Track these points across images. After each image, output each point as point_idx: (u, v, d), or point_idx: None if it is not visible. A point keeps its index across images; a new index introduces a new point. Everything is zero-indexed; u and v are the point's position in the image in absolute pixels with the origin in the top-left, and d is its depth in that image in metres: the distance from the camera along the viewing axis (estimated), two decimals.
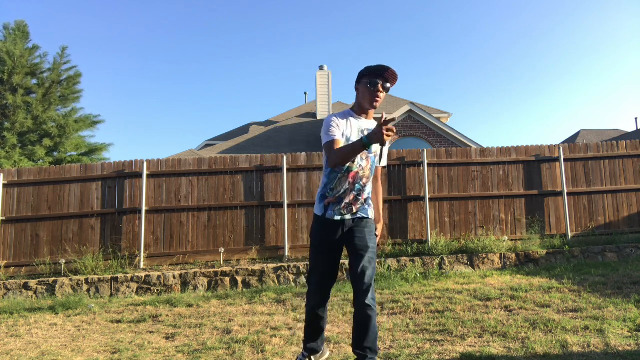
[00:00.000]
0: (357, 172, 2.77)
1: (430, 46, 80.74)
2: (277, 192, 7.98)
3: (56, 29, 56.81)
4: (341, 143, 2.69)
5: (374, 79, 2.71)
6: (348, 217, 2.80)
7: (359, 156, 2.75)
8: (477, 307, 4.80)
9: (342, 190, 2.77)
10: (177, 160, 8.11)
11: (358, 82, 2.81)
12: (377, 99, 2.72)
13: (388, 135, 2.36)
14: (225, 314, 5.18)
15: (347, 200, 2.78)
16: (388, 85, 2.74)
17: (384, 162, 3.00)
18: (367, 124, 2.83)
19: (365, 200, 2.84)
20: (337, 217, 2.79)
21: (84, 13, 65.48)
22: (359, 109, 2.84)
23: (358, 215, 2.80)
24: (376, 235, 2.88)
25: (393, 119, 2.42)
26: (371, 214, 2.87)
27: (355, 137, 2.75)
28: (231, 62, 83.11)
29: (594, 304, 4.61)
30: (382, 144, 2.43)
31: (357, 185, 2.79)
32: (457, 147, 11.77)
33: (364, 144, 2.48)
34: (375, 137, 2.39)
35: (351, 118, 2.80)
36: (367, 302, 2.62)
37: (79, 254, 7.53)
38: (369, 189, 2.87)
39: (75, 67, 16.77)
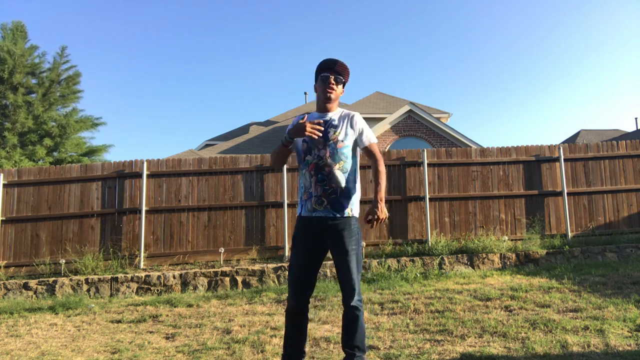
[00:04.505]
0: (317, 163, 2.77)
1: (430, 46, 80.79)
2: (277, 192, 7.98)
3: (56, 29, 56.82)
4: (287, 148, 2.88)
5: (325, 74, 2.83)
6: (322, 213, 2.74)
7: (315, 147, 2.78)
8: (477, 307, 4.80)
9: (309, 184, 2.79)
10: (177, 160, 8.11)
11: (315, 80, 2.90)
12: (328, 90, 2.82)
13: (312, 131, 2.65)
14: (225, 314, 5.18)
15: (315, 194, 2.75)
16: (340, 77, 2.84)
17: (372, 139, 2.89)
18: (329, 117, 2.86)
19: (342, 192, 2.75)
20: (309, 214, 2.78)
21: (84, 13, 65.54)
22: (320, 105, 2.91)
23: (331, 214, 2.73)
24: (376, 215, 2.65)
25: (319, 122, 2.76)
26: (350, 211, 2.77)
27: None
28: (231, 62, 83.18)
29: (594, 304, 4.61)
30: (307, 137, 2.72)
31: (319, 176, 2.75)
32: (457, 147, 11.77)
33: (285, 139, 2.78)
34: (294, 131, 2.72)
35: (309, 117, 2.87)
36: (352, 304, 2.71)
37: (79, 254, 7.52)
38: (340, 178, 2.75)
39: (74, 67, 16.82)
